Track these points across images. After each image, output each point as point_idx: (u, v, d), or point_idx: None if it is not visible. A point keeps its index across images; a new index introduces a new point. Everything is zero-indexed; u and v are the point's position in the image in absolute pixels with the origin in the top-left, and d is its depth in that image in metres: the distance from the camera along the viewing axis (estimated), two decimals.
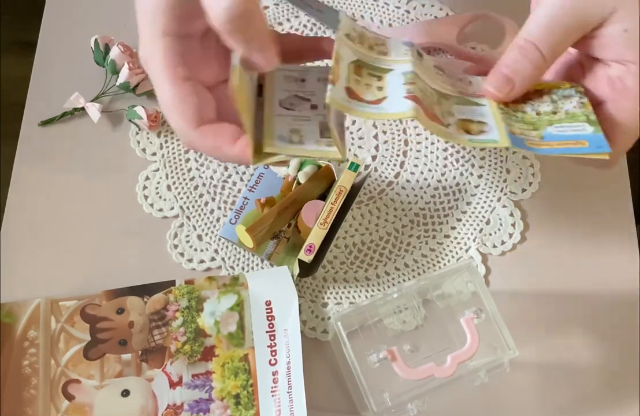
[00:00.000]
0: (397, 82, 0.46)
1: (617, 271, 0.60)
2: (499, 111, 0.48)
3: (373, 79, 0.47)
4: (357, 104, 0.45)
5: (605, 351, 0.57)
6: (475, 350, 0.51)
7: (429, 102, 0.46)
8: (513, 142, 0.45)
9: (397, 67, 0.47)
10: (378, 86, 0.46)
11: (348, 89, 0.45)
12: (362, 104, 0.45)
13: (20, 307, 0.56)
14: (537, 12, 0.47)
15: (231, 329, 0.55)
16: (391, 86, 0.46)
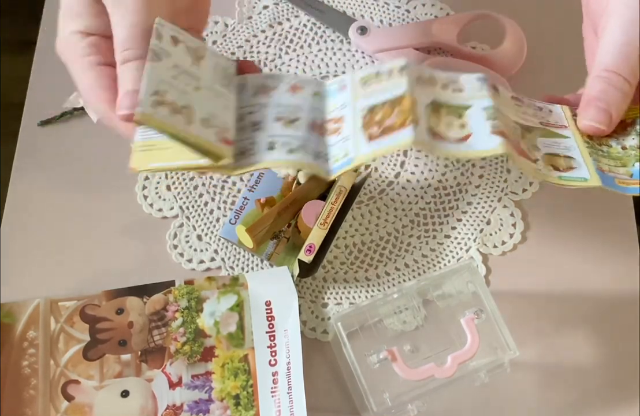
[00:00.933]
0: (479, 118, 0.45)
1: (617, 271, 0.60)
2: (584, 145, 0.46)
3: (453, 118, 0.45)
4: (442, 143, 0.44)
5: (605, 351, 0.57)
6: (476, 350, 0.51)
7: (514, 136, 0.45)
8: (603, 182, 0.44)
9: (475, 103, 0.46)
10: (460, 123, 0.45)
11: (430, 129, 0.44)
12: (448, 143, 0.44)
13: (20, 307, 0.56)
14: (605, 43, 0.47)
15: (231, 330, 0.55)
16: (474, 122, 0.45)
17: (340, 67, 0.67)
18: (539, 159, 0.45)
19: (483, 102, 0.46)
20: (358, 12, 0.70)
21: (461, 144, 0.44)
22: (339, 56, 0.67)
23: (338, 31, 0.68)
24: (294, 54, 0.68)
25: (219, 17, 0.69)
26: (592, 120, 0.47)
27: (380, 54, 0.66)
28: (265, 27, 0.69)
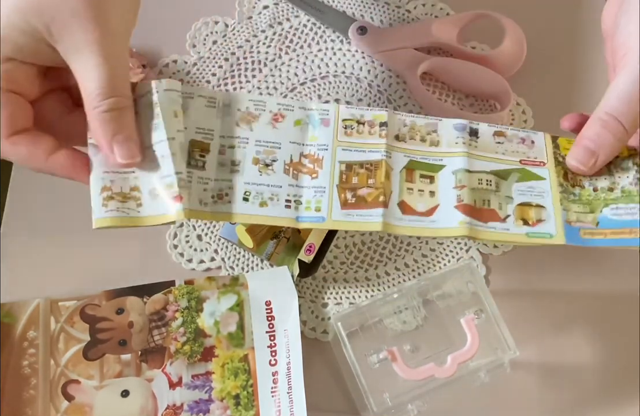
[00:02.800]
0: (448, 184, 0.48)
1: (617, 271, 0.59)
2: (557, 188, 0.49)
3: (425, 183, 0.49)
4: (410, 219, 0.47)
5: (605, 351, 0.57)
6: (476, 350, 0.51)
7: (484, 197, 0.48)
8: (567, 239, 0.46)
9: (449, 163, 0.49)
10: (430, 190, 0.49)
11: (401, 203, 0.48)
12: (415, 219, 0.47)
13: (20, 307, 0.56)
14: (618, 84, 0.47)
15: (231, 330, 0.55)
16: (442, 189, 0.48)
17: (340, 67, 0.67)
18: (510, 214, 0.48)
19: (455, 162, 0.49)
20: (358, 12, 0.70)
21: (426, 220, 0.47)
22: (339, 56, 0.67)
23: (338, 31, 0.68)
24: (294, 54, 0.68)
25: (219, 17, 0.69)
26: (574, 159, 0.49)
27: (380, 54, 0.66)
28: (265, 27, 0.69)
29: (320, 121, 0.51)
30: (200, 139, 0.49)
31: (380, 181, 0.48)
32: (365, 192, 0.48)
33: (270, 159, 0.49)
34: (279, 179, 0.49)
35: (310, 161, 0.49)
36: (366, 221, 0.47)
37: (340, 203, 0.48)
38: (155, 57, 0.67)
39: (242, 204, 0.48)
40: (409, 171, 0.49)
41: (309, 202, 0.48)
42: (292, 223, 0.48)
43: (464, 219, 0.46)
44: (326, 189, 0.49)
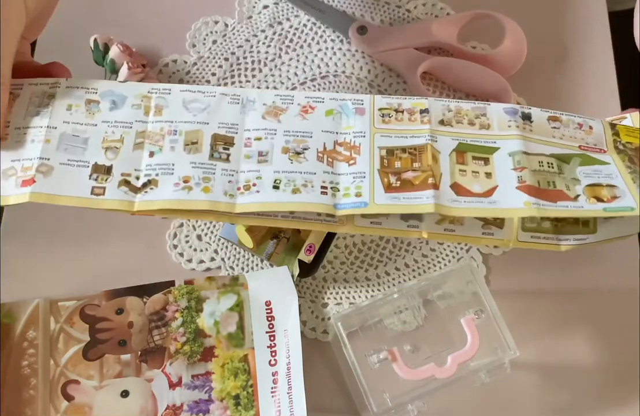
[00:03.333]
0: (505, 166, 0.44)
1: (617, 271, 0.59)
2: (626, 170, 0.45)
3: (479, 164, 0.44)
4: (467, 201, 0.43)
5: (605, 351, 0.57)
6: (476, 351, 0.51)
7: (548, 179, 0.44)
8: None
9: (503, 145, 0.45)
10: (486, 171, 0.44)
11: (454, 185, 0.43)
12: (472, 199, 0.43)
13: (20, 307, 0.55)
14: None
15: (231, 330, 0.55)
16: (500, 171, 0.44)
17: (340, 66, 0.67)
18: (580, 194, 0.44)
19: (510, 144, 0.45)
20: (358, 12, 0.70)
21: (485, 200, 0.43)
22: (339, 56, 0.67)
23: (338, 31, 0.68)
24: (294, 54, 0.68)
25: (219, 17, 0.69)
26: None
27: (380, 54, 0.66)
28: (265, 27, 0.69)
29: (355, 111, 0.47)
30: (223, 133, 0.46)
31: (426, 164, 0.43)
32: (411, 176, 0.43)
33: (301, 148, 0.45)
34: (312, 166, 0.45)
35: (346, 149, 0.45)
36: (415, 203, 0.42)
37: (383, 187, 0.43)
38: (155, 57, 0.67)
39: (272, 192, 0.44)
40: (460, 153, 0.44)
41: (348, 189, 0.44)
42: (330, 210, 0.43)
43: (529, 199, 0.42)
44: (366, 174, 0.44)
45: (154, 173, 0.45)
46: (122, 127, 0.47)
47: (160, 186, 0.45)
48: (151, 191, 0.45)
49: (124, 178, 0.45)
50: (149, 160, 0.46)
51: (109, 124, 0.47)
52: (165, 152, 0.46)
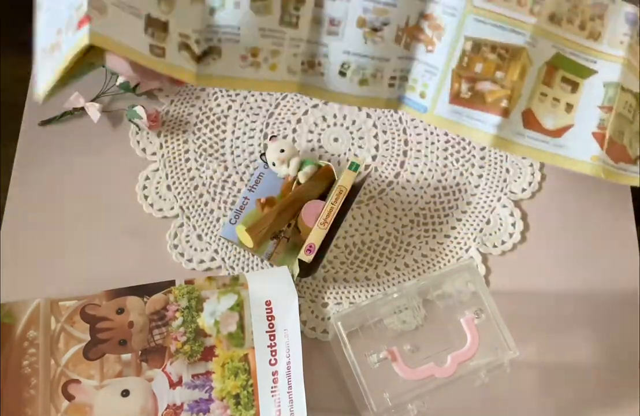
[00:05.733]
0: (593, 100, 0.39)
1: (617, 271, 0.60)
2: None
3: (565, 90, 0.39)
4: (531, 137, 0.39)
5: (605, 351, 0.57)
6: (476, 350, 0.51)
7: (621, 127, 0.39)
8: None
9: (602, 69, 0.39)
10: (568, 101, 0.40)
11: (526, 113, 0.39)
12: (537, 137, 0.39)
13: (20, 307, 0.56)
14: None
15: (231, 330, 0.55)
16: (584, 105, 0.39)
17: None
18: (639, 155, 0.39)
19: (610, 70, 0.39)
20: None
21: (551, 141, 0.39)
22: None
23: None
24: None
25: None
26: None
27: None
28: None
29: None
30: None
31: (510, 78, 0.39)
32: (487, 89, 0.39)
33: (380, 22, 0.39)
34: (386, 50, 0.39)
35: (430, 27, 0.39)
36: (474, 127, 0.39)
37: (450, 94, 0.39)
38: None
39: (337, 78, 0.40)
40: (550, 69, 0.39)
41: (415, 82, 0.40)
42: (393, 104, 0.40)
43: (598, 153, 0.38)
44: (439, 70, 0.39)
45: (216, 37, 0.39)
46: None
47: (224, 57, 0.39)
48: (214, 62, 0.39)
49: (183, 40, 0.39)
50: (209, 19, 0.39)
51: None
52: (228, 8, 0.39)
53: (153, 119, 0.63)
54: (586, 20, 0.39)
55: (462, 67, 0.38)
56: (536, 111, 0.39)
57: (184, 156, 0.63)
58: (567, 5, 0.39)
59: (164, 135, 0.64)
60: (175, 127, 0.64)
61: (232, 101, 0.65)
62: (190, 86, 0.59)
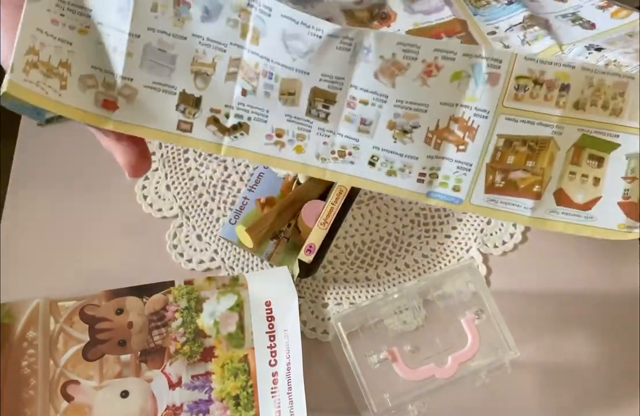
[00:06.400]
0: (617, 172, 0.41)
1: (617, 271, 0.59)
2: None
3: (592, 166, 0.42)
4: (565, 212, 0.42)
5: (605, 351, 0.57)
6: (476, 351, 0.51)
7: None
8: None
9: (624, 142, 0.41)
10: (595, 175, 0.42)
11: (558, 192, 0.42)
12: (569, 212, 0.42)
13: (19, 307, 0.55)
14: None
15: (231, 330, 0.55)
16: (610, 178, 0.41)
17: None
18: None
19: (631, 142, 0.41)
20: None
21: (582, 215, 0.42)
22: None
23: None
24: None
25: None
26: None
27: None
28: None
29: (487, 77, 0.40)
30: (324, 88, 0.40)
31: (541, 166, 0.41)
32: (519, 177, 0.41)
33: (410, 125, 0.41)
34: (416, 150, 0.41)
35: (460, 129, 0.41)
36: (511, 212, 0.41)
37: (485, 185, 0.41)
38: None
39: (366, 168, 0.41)
40: (578, 149, 0.41)
41: (447, 179, 0.42)
42: (421, 198, 0.41)
43: (625, 221, 0.41)
44: (472, 167, 0.41)
45: (246, 116, 0.41)
46: (215, 49, 0.40)
47: (251, 134, 0.41)
48: (241, 138, 0.41)
49: (213, 115, 0.41)
50: (241, 98, 0.41)
51: (200, 40, 0.40)
52: (259, 95, 0.41)
53: None
54: (608, 100, 0.41)
55: (495, 160, 0.41)
56: (567, 189, 0.42)
57: (184, 155, 0.63)
58: (590, 91, 0.41)
59: None
60: None
61: None
62: None
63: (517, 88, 0.40)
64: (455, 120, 0.41)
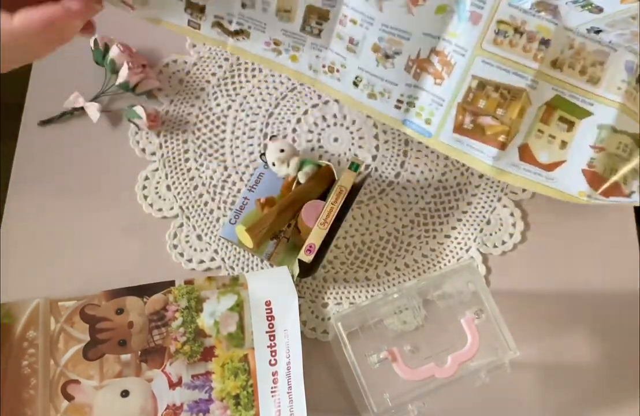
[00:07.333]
0: (586, 139, 0.42)
1: (617, 271, 0.59)
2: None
3: (561, 129, 0.42)
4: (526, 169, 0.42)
5: (605, 351, 0.57)
6: (476, 351, 0.51)
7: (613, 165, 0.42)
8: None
9: (598, 112, 0.42)
10: (563, 139, 0.42)
11: (523, 147, 0.43)
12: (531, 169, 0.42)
13: (20, 307, 0.55)
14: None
15: (231, 330, 0.55)
16: (577, 144, 0.42)
17: None
18: (635, 191, 0.42)
19: (605, 113, 0.42)
20: None
21: (543, 174, 0.42)
22: None
23: None
24: None
25: None
26: None
27: None
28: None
29: (470, 15, 0.42)
30: (319, 5, 0.44)
31: (510, 116, 0.42)
32: (487, 123, 0.42)
33: (392, 51, 0.43)
34: (396, 76, 0.43)
35: (440, 62, 0.42)
36: (474, 156, 0.42)
37: (454, 125, 0.43)
38: (155, 57, 0.67)
39: (350, 87, 0.45)
40: (549, 108, 0.42)
41: (422, 109, 0.44)
42: (397, 124, 0.44)
43: (585, 189, 0.42)
44: (445, 102, 0.43)
45: (246, 25, 0.46)
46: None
47: (251, 39, 0.46)
48: (243, 41, 0.46)
49: (217, 20, 0.46)
50: (241, 10, 0.46)
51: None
52: (257, 9, 0.46)
53: (152, 119, 0.63)
54: (587, 65, 0.42)
55: (467, 101, 0.42)
56: (532, 146, 0.42)
57: (184, 155, 0.63)
58: (570, 52, 0.42)
59: (163, 135, 0.64)
60: (174, 127, 0.64)
61: (231, 100, 0.65)
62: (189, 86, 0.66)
63: (497, 32, 0.41)
64: (436, 52, 0.42)
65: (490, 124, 0.42)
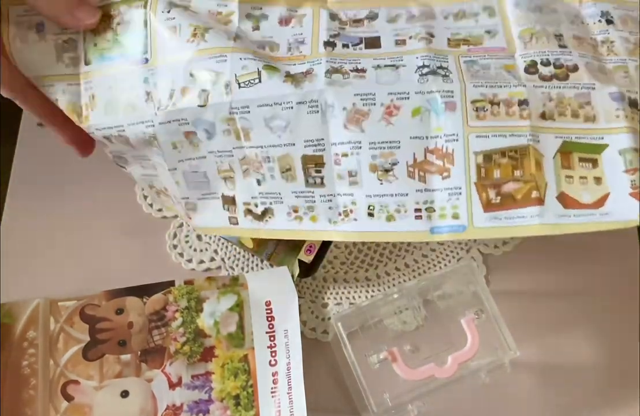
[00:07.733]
0: (616, 168, 0.40)
1: (617, 271, 0.59)
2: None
3: (587, 168, 0.40)
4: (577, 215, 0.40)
5: (605, 351, 0.57)
6: (476, 351, 0.51)
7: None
8: None
9: (611, 141, 0.40)
10: (595, 175, 0.40)
11: (561, 196, 0.40)
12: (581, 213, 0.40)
13: (19, 307, 0.55)
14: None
15: (231, 330, 0.55)
16: (610, 174, 0.40)
17: None
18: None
19: (619, 140, 0.40)
20: None
21: (597, 212, 0.40)
22: None
23: None
24: None
25: None
26: None
27: None
28: None
29: (444, 106, 0.41)
30: (311, 153, 0.43)
31: (529, 172, 0.40)
32: (512, 188, 0.40)
33: (389, 162, 0.42)
34: (403, 185, 0.42)
35: (438, 157, 0.41)
36: (518, 225, 0.40)
37: (482, 205, 0.41)
38: None
39: (367, 220, 0.43)
40: (565, 155, 0.40)
41: (444, 209, 0.42)
42: (426, 237, 0.42)
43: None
44: (462, 189, 0.41)
45: (268, 202, 0.47)
46: (226, 156, 0.47)
47: (276, 216, 0.47)
48: (271, 220, 0.47)
49: (246, 207, 0.48)
50: (258, 188, 0.47)
51: (214, 154, 0.47)
52: (268, 180, 0.46)
53: None
54: (576, 108, 0.41)
55: (482, 177, 0.40)
56: (569, 192, 0.40)
57: None
58: (552, 104, 0.41)
59: None
60: None
61: None
62: None
63: (476, 110, 0.41)
64: (431, 151, 0.42)
65: (516, 188, 0.40)
